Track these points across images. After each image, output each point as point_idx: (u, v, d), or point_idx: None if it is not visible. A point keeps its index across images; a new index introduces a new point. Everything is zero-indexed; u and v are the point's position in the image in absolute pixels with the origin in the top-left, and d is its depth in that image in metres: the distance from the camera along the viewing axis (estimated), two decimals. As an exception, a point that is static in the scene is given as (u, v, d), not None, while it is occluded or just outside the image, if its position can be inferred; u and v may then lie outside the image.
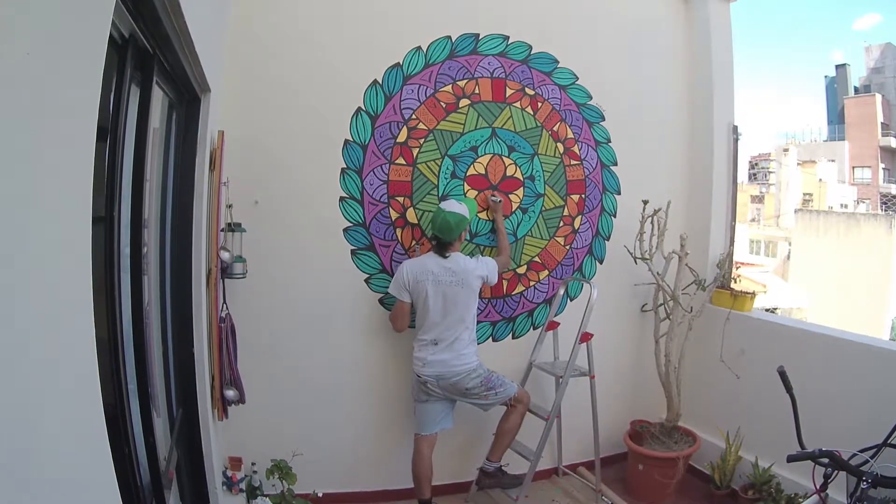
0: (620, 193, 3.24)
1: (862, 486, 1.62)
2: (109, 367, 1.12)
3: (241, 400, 2.33)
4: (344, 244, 2.73)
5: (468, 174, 2.89)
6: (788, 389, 1.88)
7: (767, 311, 6.87)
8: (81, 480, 0.84)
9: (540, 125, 3.02)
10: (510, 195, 2.98)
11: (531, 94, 2.99)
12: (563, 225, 3.11)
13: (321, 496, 2.63)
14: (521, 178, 3.00)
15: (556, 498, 3.04)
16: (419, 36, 2.77)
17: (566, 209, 3.11)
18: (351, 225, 2.73)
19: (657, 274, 3.07)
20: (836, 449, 1.70)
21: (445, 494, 2.90)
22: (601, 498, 2.99)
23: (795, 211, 16.23)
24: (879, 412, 2.26)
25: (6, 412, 0.63)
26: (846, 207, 19.08)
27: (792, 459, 1.75)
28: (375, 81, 2.71)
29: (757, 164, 28.08)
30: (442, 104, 2.82)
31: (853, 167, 23.56)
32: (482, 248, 2.93)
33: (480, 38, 2.88)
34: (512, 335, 3.07)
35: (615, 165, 3.21)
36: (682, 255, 3.07)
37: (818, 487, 1.81)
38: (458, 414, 2.74)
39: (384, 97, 2.73)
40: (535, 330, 3.10)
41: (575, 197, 3.13)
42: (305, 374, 2.76)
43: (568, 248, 3.14)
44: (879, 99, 23.88)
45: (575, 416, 3.05)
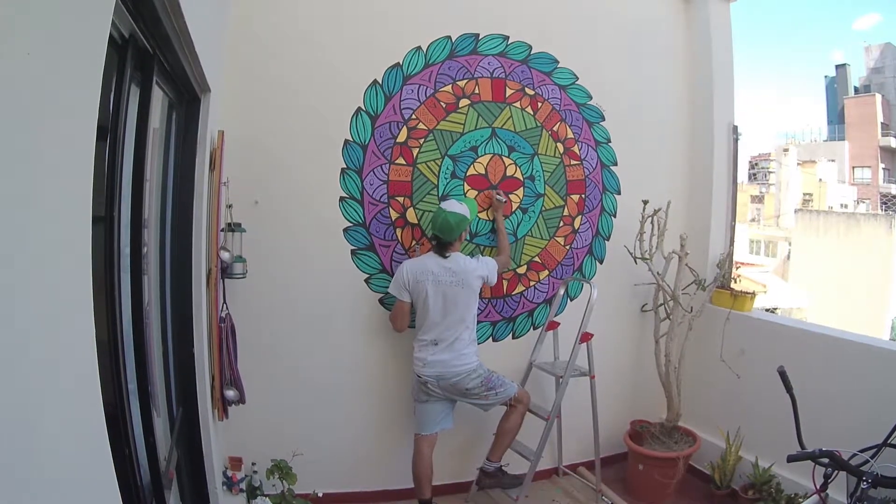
0: (620, 193, 3.24)
1: (862, 486, 1.62)
2: (109, 367, 1.11)
3: (241, 400, 2.33)
4: (344, 244, 2.73)
5: (468, 174, 2.89)
6: (788, 389, 1.88)
7: (767, 311, 6.87)
8: (81, 480, 0.84)
9: (540, 125, 3.02)
10: (510, 195, 2.98)
11: (531, 94, 2.99)
12: (563, 225, 3.11)
13: (321, 496, 2.63)
14: (521, 178, 3.00)
15: (556, 498, 3.04)
16: (419, 36, 2.77)
17: (566, 209, 3.11)
18: (351, 225, 2.73)
19: (657, 274, 3.07)
20: (836, 449, 1.70)
21: (445, 494, 2.90)
22: (601, 498, 2.99)
23: (795, 211, 16.23)
24: (879, 412, 2.26)
25: (6, 412, 0.63)
26: (846, 207, 19.08)
27: (792, 459, 1.75)
28: (375, 81, 2.71)
29: (757, 164, 28.07)
30: (442, 104, 2.82)
31: (853, 167, 23.56)
32: (482, 248, 2.93)
33: (480, 38, 2.88)
34: (512, 335, 3.07)
35: (615, 165, 3.21)
36: (682, 255, 3.07)
37: (818, 487, 1.81)
38: (458, 414, 2.74)
39: (384, 97, 2.73)
40: (535, 330, 3.10)
41: (575, 197, 3.13)
42: (305, 374, 2.76)
43: (568, 248, 3.14)
44: (879, 99, 23.88)
45: (575, 416, 3.05)
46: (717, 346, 3.10)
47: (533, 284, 3.08)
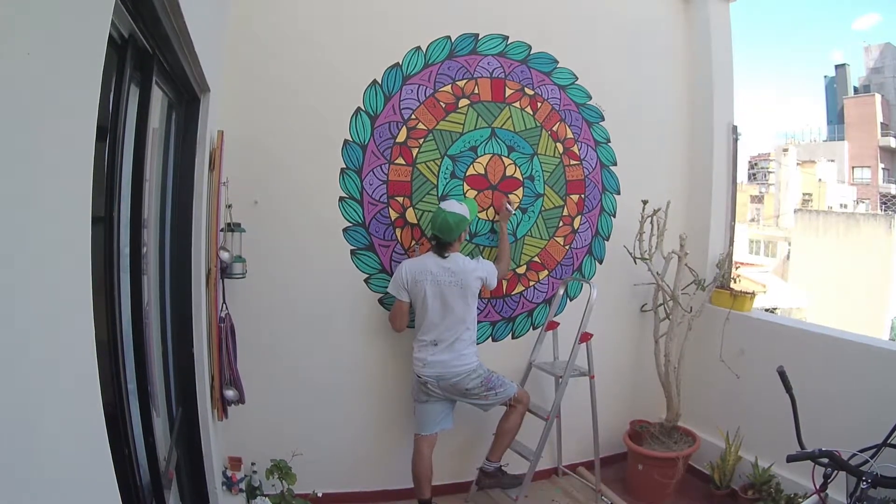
0: (620, 193, 3.24)
1: (862, 486, 1.62)
2: (109, 367, 1.11)
3: (240, 400, 2.33)
4: (343, 244, 2.73)
5: (468, 174, 2.89)
6: (788, 389, 1.88)
7: (767, 311, 6.87)
8: (81, 480, 0.84)
9: (539, 125, 3.02)
10: (510, 195, 2.98)
11: (531, 94, 2.99)
12: (562, 225, 3.11)
13: (321, 496, 2.63)
14: (520, 178, 3.00)
15: (555, 498, 3.04)
16: (419, 36, 2.77)
17: (566, 209, 3.11)
18: (350, 225, 2.73)
19: (657, 274, 3.07)
20: (835, 449, 1.70)
21: (445, 494, 2.90)
22: (601, 498, 2.99)
23: (795, 211, 16.24)
24: (879, 412, 2.26)
25: (6, 412, 0.63)
26: (846, 207, 19.09)
27: (792, 459, 1.75)
28: (375, 81, 2.71)
29: (756, 164, 28.08)
30: (441, 104, 2.82)
31: (853, 167, 23.56)
32: (482, 248, 2.93)
33: (480, 38, 2.88)
34: (511, 335, 3.07)
35: (615, 165, 3.21)
36: (681, 255, 3.07)
37: (818, 487, 1.81)
38: (458, 414, 2.74)
39: (384, 97, 2.73)
40: (534, 330, 3.10)
41: (574, 197, 3.13)
42: (305, 374, 2.76)
43: (567, 248, 3.14)
44: (879, 99, 23.89)
45: (575, 416, 3.05)
46: (716, 346, 3.10)
47: (532, 284, 3.08)
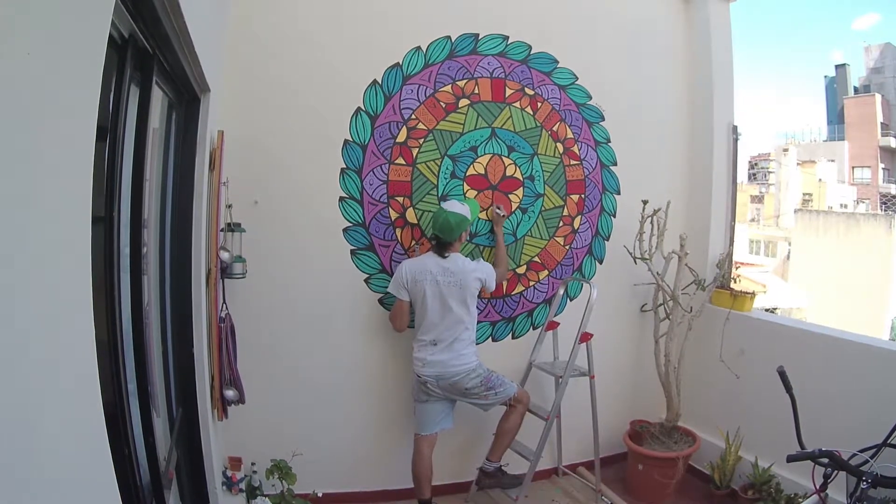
0: (620, 193, 3.24)
1: (862, 486, 1.62)
2: (109, 367, 1.11)
3: (240, 400, 2.33)
4: (344, 244, 2.73)
5: (468, 174, 2.89)
6: (788, 389, 1.88)
7: (767, 311, 6.87)
8: (81, 480, 0.84)
9: (539, 125, 3.02)
10: (510, 195, 2.98)
11: (531, 94, 2.99)
12: (562, 225, 3.11)
13: (321, 496, 2.63)
14: (520, 178, 3.00)
15: (555, 498, 3.04)
16: (419, 36, 2.77)
17: (566, 209, 3.11)
18: (351, 225, 2.73)
19: (657, 274, 3.07)
20: (835, 449, 1.70)
21: (445, 494, 2.90)
22: (601, 498, 2.99)
23: (795, 211, 16.24)
24: (879, 412, 2.26)
25: (6, 412, 0.63)
26: (846, 207, 19.09)
27: (792, 459, 1.75)
28: (375, 81, 2.71)
29: (757, 164, 28.07)
30: (441, 104, 2.82)
31: (853, 167, 23.56)
32: (482, 248, 2.93)
33: (480, 38, 2.88)
34: (511, 335, 3.07)
35: (615, 165, 3.21)
36: (681, 255, 3.07)
37: (818, 487, 1.81)
38: (458, 414, 2.74)
39: (384, 97, 2.73)
40: (534, 330, 3.10)
41: (574, 197, 3.13)
42: (305, 374, 2.76)
43: (567, 248, 3.14)
44: (879, 99, 23.89)
45: (575, 416, 3.05)
46: (716, 346, 3.10)
47: (532, 284, 3.08)
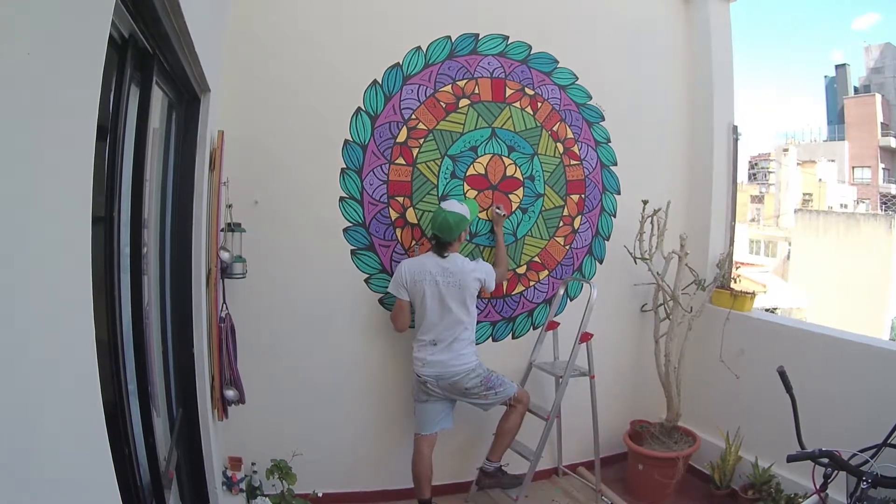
0: (620, 193, 3.24)
1: (862, 486, 1.62)
2: (109, 367, 1.11)
3: (240, 400, 2.33)
4: (344, 244, 2.73)
5: (468, 174, 2.89)
6: (788, 389, 1.88)
7: (767, 311, 6.87)
8: (81, 480, 0.84)
9: (540, 125, 3.02)
10: (510, 195, 2.98)
11: (531, 94, 2.99)
12: (562, 225, 3.11)
13: (321, 496, 2.63)
14: (520, 178, 3.00)
15: (555, 498, 3.04)
16: (419, 36, 2.77)
17: (566, 209, 3.11)
18: (351, 225, 2.73)
19: (657, 274, 3.07)
20: (836, 449, 1.70)
21: (445, 494, 2.90)
22: (601, 498, 2.99)
23: (795, 211, 16.24)
24: (879, 412, 2.26)
25: (6, 412, 0.63)
26: (846, 207, 19.09)
27: (792, 459, 1.75)
28: (375, 81, 2.71)
29: (757, 164, 28.07)
30: (442, 104, 2.82)
31: (853, 167, 23.56)
32: (481, 248, 2.93)
33: (480, 38, 2.88)
34: (512, 335, 3.07)
35: (615, 165, 3.21)
36: (681, 255, 3.07)
37: (818, 487, 1.81)
38: (458, 414, 2.74)
39: (384, 97, 2.73)
40: (534, 330, 3.10)
41: (575, 197, 3.13)
42: (305, 374, 2.76)
43: (568, 248, 3.14)
44: (879, 99, 23.89)
45: (575, 416, 3.04)
46: (716, 346, 3.10)
47: (533, 284, 3.08)
